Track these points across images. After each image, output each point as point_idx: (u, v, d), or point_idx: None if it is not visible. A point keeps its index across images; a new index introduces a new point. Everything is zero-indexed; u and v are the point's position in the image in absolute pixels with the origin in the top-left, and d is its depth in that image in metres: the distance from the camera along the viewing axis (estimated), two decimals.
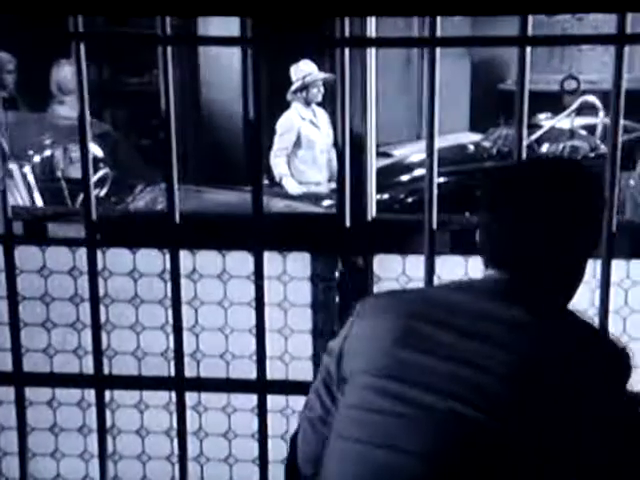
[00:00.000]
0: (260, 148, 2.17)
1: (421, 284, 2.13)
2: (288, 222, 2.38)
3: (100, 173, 5.18)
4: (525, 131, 2.01)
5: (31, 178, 5.25)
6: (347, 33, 2.00)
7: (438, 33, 1.96)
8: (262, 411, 2.23)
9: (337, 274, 2.19)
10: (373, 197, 2.14)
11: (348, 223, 2.11)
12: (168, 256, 2.18)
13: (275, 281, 2.22)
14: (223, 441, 2.34)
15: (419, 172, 7.11)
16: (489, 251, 1.50)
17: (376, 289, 2.20)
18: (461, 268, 2.16)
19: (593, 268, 2.05)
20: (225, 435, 2.34)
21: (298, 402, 2.28)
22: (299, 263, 2.23)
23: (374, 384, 1.41)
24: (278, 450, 2.31)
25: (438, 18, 1.95)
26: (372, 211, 2.14)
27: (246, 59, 8.62)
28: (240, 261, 2.23)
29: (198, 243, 2.22)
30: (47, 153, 5.47)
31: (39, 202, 5.03)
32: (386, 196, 6.31)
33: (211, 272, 2.25)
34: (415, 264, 2.15)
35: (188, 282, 2.24)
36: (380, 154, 7.11)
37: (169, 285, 2.19)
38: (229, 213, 2.55)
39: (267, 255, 2.17)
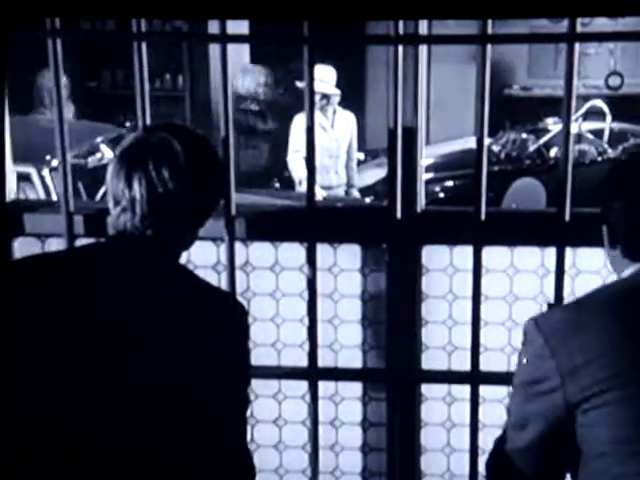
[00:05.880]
0: (313, 146, 2.24)
1: (468, 275, 2.21)
2: (339, 214, 2.46)
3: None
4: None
5: (49, 181, 5.32)
6: (400, 30, 2.09)
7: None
8: (313, 397, 2.31)
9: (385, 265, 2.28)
10: (422, 189, 2.22)
11: (399, 215, 2.20)
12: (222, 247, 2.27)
13: (326, 272, 2.30)
14: (274, 428, 2.42)
15: (426, 176, 7.22)
16: None
17: (424, 280, 2.28)
18: (506, 257, 2.25)
19: None
20: (275, 422, 2.42)
21: (347, 388, 2.37)
22: (349, 255, 2.31)
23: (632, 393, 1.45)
24: (327, 436, 2.39)
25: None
26: (421, 203, 2.22)
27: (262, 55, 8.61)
28: (292, 253, 2.31)
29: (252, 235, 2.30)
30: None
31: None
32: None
33: (264, 264, 2.33)
34: (463, 255, 2.24)
35: (241, 274, 2.32)
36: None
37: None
38: (282, 206, 2.60)
39: (318, 247, 2.25)
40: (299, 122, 5.98)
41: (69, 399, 1.57)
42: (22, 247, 2.35)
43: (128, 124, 7.04)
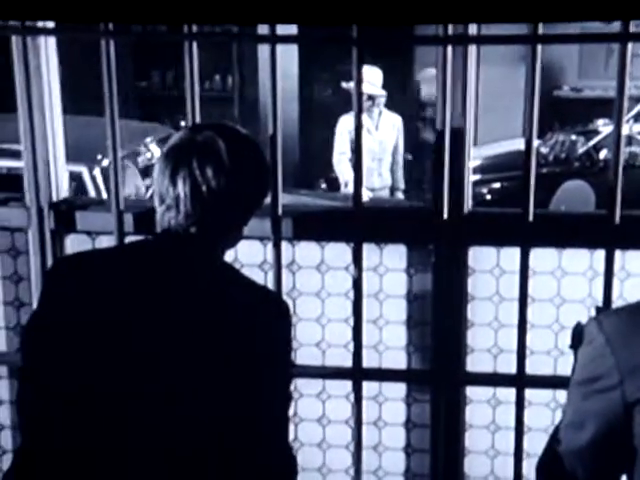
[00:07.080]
0: (361, 147, 2.24)
1: (515, 277, 2.20)
2: (386, 214, 2.46)
3: None
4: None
5: (100, 181, 5.39)
6: (449, 30, 2.09)
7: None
8: (357, 397, 2.31)
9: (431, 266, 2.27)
10: (469, 190, 2.21)
11: (446, 215, 2.19)
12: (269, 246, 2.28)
13: (372, 272, 2.31)
14: (317, 426, 2.43)
15: (473, 178, 7.16)
16: None
17: (470, 281, 2.27)
18: (554, 259, 2.23)
19: None
20: (319, 421, 2.43)
21: (391, 389, 2.37)
22: (395, 255, 2.30)
23: None
24: (371, 436, 2.39)
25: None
26: (468, 204, 2.21)
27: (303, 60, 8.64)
28: (338, 253, 2.31)
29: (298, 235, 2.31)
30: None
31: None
32: None
33: (310, 263, 2.34)
34: (509, 257, 2.23)
35: (288, 273, 2.34)
36: None
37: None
38: (328, 206, 2.60)
39: (365, 247, 2.26)
40: (344, 124, 5.98)
41: (111, 393, 1.59)
42: (73, 244, 2.39)
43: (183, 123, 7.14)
